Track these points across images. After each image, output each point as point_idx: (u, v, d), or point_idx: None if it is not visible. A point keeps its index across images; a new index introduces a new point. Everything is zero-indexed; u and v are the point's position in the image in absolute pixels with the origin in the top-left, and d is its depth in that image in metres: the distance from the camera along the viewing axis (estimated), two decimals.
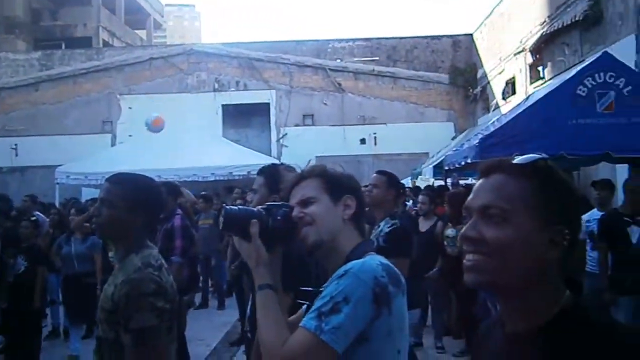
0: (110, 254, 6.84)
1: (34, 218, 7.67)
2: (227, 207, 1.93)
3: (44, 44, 27.90)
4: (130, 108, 19.45)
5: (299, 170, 2.12)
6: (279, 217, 1.93)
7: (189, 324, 6.81)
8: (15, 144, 19.18)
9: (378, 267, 1.79)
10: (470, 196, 1.29)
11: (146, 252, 2.33)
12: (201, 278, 10.51)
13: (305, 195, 1.96)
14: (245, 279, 6.66)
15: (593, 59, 7.72)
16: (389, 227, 4.54)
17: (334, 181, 1.99)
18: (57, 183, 15.24)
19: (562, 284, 1.24)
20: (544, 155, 1.24)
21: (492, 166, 1.28)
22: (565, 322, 1.18)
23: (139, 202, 2.36)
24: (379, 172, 4.93)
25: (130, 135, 18.39)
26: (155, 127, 14.01)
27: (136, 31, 36.91)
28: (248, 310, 3.77)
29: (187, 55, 20.00)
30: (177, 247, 6.16)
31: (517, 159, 1.24)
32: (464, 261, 1.25)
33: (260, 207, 1.99)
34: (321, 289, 1.81)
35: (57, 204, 13.06)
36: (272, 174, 3.23)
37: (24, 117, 19.52)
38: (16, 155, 19.17)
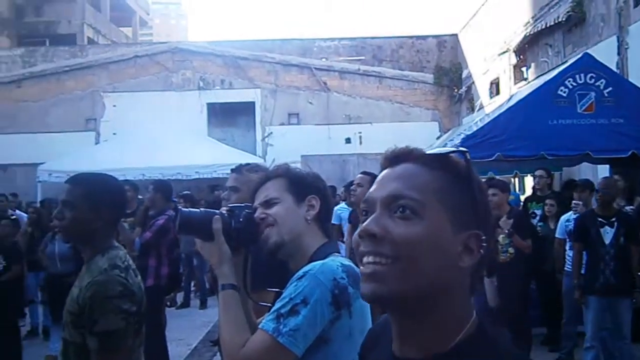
0: None
1: (14, 217, 7.62)
2: (183, 209, 1.92)
3: (28, 40, 27.63)
4: (114, 106, 19.30)
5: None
6: (241, 219, 1.91)
7: (170, 324, 6.78)
8: None
9: (338, 269, 1.77)
10: (373, 187, 1.09)
11: (112, 253, 2.29)
12: (183, 277, 10.47)
13: (268, 196, 1.95)
14: None
15: (574, 60, 7.77)
16: None
17: (297, 181, 1.98)
18: (39, 181, 15.11)
19: (470, 303, 1.05)
20: (462, 148, 1.10)
21: (400, 154, 1.10)
22: (467, 353, 0.98)
23: (102, 202, 2.31)
24: (364, 173, 4.96)
25: (114, 134, 18.27)
26: None
27: (122, 29, 36.67)
28: None
29: (172, 54, 19.87)
30: (144, 236, 6.12)
31: (432, 150, 1.11)
32: (361, 268, 1.03)
33: (223, 209, 1.98)
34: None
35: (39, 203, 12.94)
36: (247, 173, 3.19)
37: (5, 114, 19.25)
38: None
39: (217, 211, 1.94)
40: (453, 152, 1.08)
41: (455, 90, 19.39)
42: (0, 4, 28.28)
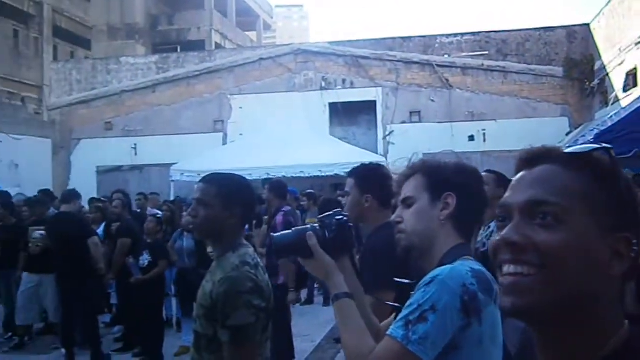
0: (209, 248, 7.07)
1: (158, 215, 8.13)
2: (275, 234, 1.94)
3: (161, 47, 29.30)
4: (240, 108, 20.01)
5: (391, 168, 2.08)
6: (334, 228, 1.91)
7: (294, 320, 6.93)
8: (135, 144, 20.22)
9: (467, 274, 1.70)
10: (509, 192, 1.01)
11: (242, 251, 2.36)
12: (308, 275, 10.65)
13: (405, 195, 1.91)
14: None
15: None
16: None
17: (435, 177, 1.91)
18: (172, 180, 15.98)
19: (621, 312, 0.96)
20: (605, 145, 0.99)
21: (537, 155, 1.01)
22: None
23: (234, 200, 2.40)
24: (488, 171, 4.80)
25: (240, 134, 18.98)
26: None
27: (247, 33, 38.05)
28: None
29: (295, 55, 20.30)
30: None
31: (572, 148, 1.00)
32: (500, 278, 0.95)
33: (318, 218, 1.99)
34: (411, 282, 1.77)
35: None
36: (362, 175, 3.18)
37: (142, 118, 20.56)
38: (135, 154, 20.21)
39: (308, 227, 1.95)
40: (596, 149, 0.98)
41: (587, 84, 18.38)
42: (137, 15, 30.19)
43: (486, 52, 19.63)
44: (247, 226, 6.68)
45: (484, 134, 18.76)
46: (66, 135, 21.15)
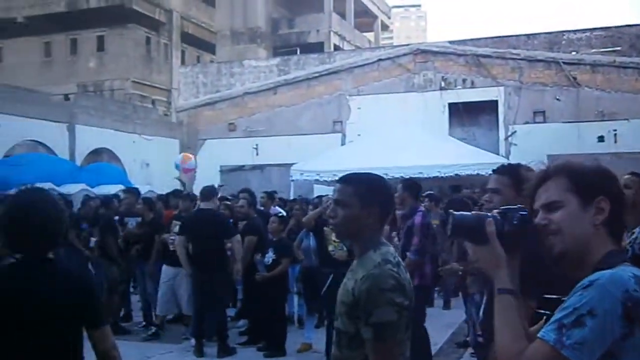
0: (330, 247, 7.15)
1: (281, 214, 8.33)
2: (456, 212, 1.88)
3: (282, 50, 30.06)
4: (359, 108, 20.13)
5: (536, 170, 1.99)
6: (515, 222, 1.83)
7: None
8: (256, 144, 20.87)
9: (630, 280, 1.58)
10: None
11: (384, 249, 2.36)
12: None
13: (549, 199, 1.79)
14: (469, 279, 6.55)
15: None
16: None
17: (583, 181, 1.78)
18: (292, 180, 16.30)
19: None
20: None
21: None
22: None
23: (372, 200, 2.40)
24: (633, 174, 4.47)
25: (359, 135, 19.04)
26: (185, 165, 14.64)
27: (364, 34, 38.24)
28: (480, 314, 3.69)
29: (414, 55, 20.15)
30: (414, 243, 6.24)
31: None
32: None
33: (495, 211, 1.91)
34: (564, 299, 1.68)
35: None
36: (518, 174, 3.05)
37: (263, 119, 21.17)
38: (257, 154, 20.85)
39: (488, 214, 1.89)
40: None
41: None
42: (259, 20, 31.17)
43: (618, 48, 18.61)
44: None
45: (615, 135, 17.77)
46: (192, 136, 22.18)
